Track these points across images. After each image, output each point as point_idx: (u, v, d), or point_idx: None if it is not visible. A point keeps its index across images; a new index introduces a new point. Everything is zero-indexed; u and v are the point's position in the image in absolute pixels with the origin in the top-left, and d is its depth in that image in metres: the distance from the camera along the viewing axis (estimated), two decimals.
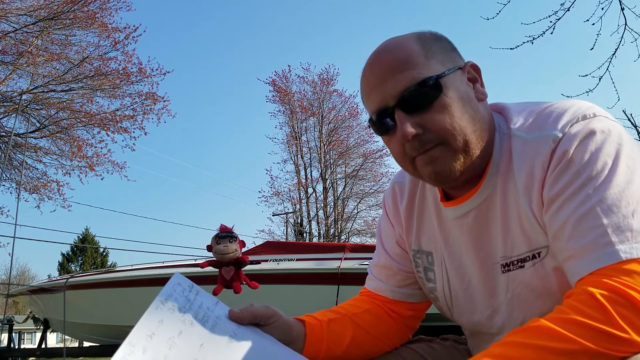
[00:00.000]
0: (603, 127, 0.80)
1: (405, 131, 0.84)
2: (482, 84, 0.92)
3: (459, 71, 0.89)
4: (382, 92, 0.87)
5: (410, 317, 1.08)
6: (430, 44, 0.88)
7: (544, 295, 0.86)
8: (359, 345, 1.02)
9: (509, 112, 0.92)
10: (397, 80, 0.85)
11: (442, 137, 0.85)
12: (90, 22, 12.29)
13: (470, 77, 0.91)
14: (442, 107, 0.84)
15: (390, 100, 0.86)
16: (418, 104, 0.84)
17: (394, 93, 0.85)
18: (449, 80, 0.86)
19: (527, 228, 0.86)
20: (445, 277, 1.01)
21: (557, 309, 0.71)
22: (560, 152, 0.80)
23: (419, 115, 0.85)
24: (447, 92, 0.85)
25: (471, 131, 0.86)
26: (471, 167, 0.88)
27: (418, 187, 1.04)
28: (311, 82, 22.37)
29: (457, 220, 0.95)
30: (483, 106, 0.90)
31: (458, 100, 0.85)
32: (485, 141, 0.89)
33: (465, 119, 0.85)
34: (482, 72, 0.93)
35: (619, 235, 0.73)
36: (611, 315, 0.67)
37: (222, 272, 1.94)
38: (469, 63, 0.91)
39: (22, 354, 8.92)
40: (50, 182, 12.91)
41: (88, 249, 30.66)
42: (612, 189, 0.75)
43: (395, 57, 0.87)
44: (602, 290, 0.69)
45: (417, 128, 0.85)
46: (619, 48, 4.98)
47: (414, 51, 0.87)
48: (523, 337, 0.69)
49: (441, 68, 0.86)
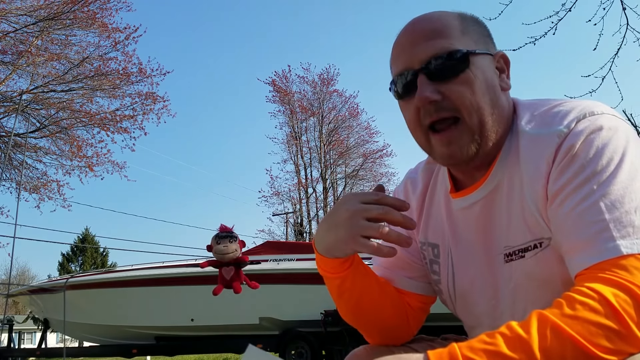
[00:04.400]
0: (610, 124, 0.81)
1: (424, 94, 0.85)
2: (509, 75, 0.94)
3: (489, 56, 0.91)
4: (411, 55, 0.88)
5: (419, 309, 1.08)
6: (469, 23, 0.91)
7: (546, 285, 0.86)
8: (382, 294, 1.01)
9: (519, 107, 0.93)
10: (428, 45, 0.87)
11: (459, 109, 0.86)
12: (90, 22, 12.30)
13: (499, 67, 0.92)
14: (465, 81, 0.86)
15: (417, 63, 0.87)
16: (443, 72, 0.86)
17: (423, 57, 0.87)
18: (478, 59, 0.88)
19: (529, 220, 0.86)
20: (450, 269, 1.01)
21: (557, 303, 0.70)
22: (566, 147, 0.81)
23: (442, 84, 0.86)
24: (474, 70, 0.86)
25: (488, 113, 0.87)
26: (484, 151, 0.89)
27: (430, 183, 1.06)
28: (311, 82, 22.44)
29: (463, 211, 0.97)
30: (505, 97, 0.92)
31: (482, 81, 0.87)
32: (501, 130, 0.90)
33: (485, 100, 0.87)
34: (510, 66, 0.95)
35: (620, 230, 0.73)
36: (617, 311, 0.66)
37: (222, 272, 1.94)
38: (500, 53, 0.94)
39: (22, 354, 8.93)
40: (50, 182, 12.95)
41: (88, 249, 30.68)
42: (616, 185, 0.76)
43: (432, 25, 0.89)
44: (604, 285, 0.69)
45: (436, 95, 0.86)
46: (621, 48, 4.98)
47: (452, 24, 0.89)
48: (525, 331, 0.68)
49: (473, 46, 0.88)
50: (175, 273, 7.62)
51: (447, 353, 0.67)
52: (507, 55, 0.94)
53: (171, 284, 7.56)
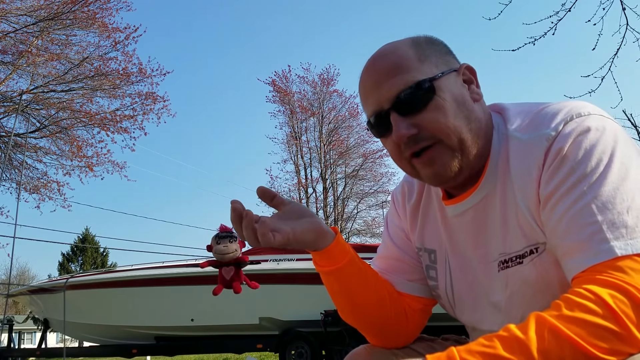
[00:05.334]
0: (597, 124, 0.81)
1: (400, 132, 0.87)
2: (478, 84, 0.94)
3: (454, 73, 0.91)
4: (378, 96, 0.90)
5: (420, 310, 1.08)
6: (424, 47, 0.91)
7: (543, 291, 0.86)
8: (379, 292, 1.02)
9: (507, 112, 0.93)
10: (391, 84, 0.88)
11: (437, 136, 0.87)
12: (90, 22, 12.29)
13: (466, 79, 0.93)
14: (436, 108, 0.87)
15: (386, 103, 0.89)
16: (412, 106, 0.87)
17: (389, 96, 0.88)
18: (443, 82, 0.88)
19: (524, 226, 0.86)
20: (448, 275, 1.01)
21: (555, 305, 0.70)
22: (555, 150, 0.81)
23: (414, 117, 0.87)
24: (441, 94, 0.87)
25: (466, 130, 0.88)
26: (469, 165, 0.90)
27: (425, 187, 1.06)
28: (311, 82, 22.40)
29: (456, 218, 0.97)
30: (479, 106, 0.92)
31: (452, 101, 0.88)
32: (482, 140, 0.90)
33: (459, 118, 0.87)
34: (477, 74, 0.95)
35: (614, 231, 0.73)
36: (614, 312, 0.66)
37: (222, 272, 1.93)
38: (464, 65, 0.94)
39: (22, 354, 8.93)
40: (50, 182, 12.93)
41: (88, 249, 30.66)
42: (606, 186, 0.76)
43: (390, 62, 0.90)
44: (601, 287, 0.69)
45: (411, 129, 0.87)
46: (621, 48, 4.98)
47: (408, 55, 0.90)
48: (523, 333, 0.68)
49: (435, 71, 0.89)
50: (175, 273, 7.61)
51: (446, 356, 0.67)
52: (471, 65, 0.94)
53: (171, 284, 7.56)
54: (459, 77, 0.92)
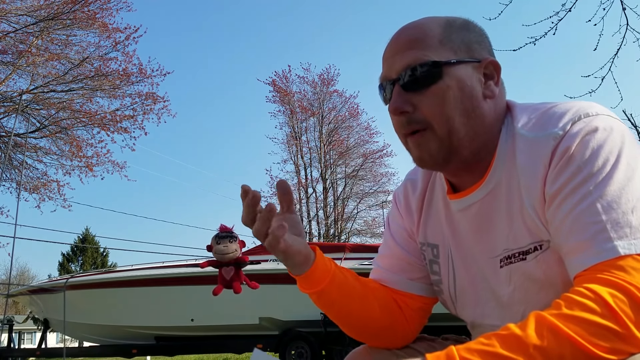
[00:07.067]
0: (605, 125, 0.81)
1: (394, 105, 0.89)
2: (498, 83, 0.92)
3: (472, 64, 0.90)
4: (390, 64, 0.91)
5: (420, 309, 1.08)
6: (453, 30, 0.91)
7: (546, 288, 0.86)
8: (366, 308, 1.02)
9: (514, 109, 0.92)
10: (404, 56, 0.89)
11: (429, 121, 0.88)
12: (90, 23, 12.29)
13: (487, 73, 0.91)
14: (437, 93, 0.87)
15: (394, 73, 0.90)
16: (415, 83, 0.88)
17: (398, 68, 0.89)
18: (455, 69, 0.88)
19: (529, 223, 0.86)
20: (451, 270, 1.01)
21: (555, 303, 0.70)
22: (562, 150, 0.81)
23: (413, 95, 0.88)
24: (447, 80, 0.87)
25: (461, 123, 0.87)
26: (461, 159, 0.90)
27: (429, 183, 1.06)
28: (311, 82, 22.41)
29: (461, 212, 0.97)
30: (492, 103, 0.91)
31: (457, 91, 0.87)
32: (483, 138, 0.90)
33: (458, 110, 0.87)
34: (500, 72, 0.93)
35: (617, 231, 0.73)
36: (614, 311, 0.66)
37: (222, 272, 1.93)
38: (488, 59, 0.91)
39: (22, 354, 8.93)
40: (50, 182, 12.93)
41: (88, 249, 30.66)
42: (612, 186, 0.76)
43: (411, 35, 0.91)
44: (602, 286, 0.69)
45: (407, 106, 0.88)
46: (621, 48, 4.98)
47: (432, 33, 0.90)
48: (523, 332, 0.68)
49: (451, 56, 0.88)
50: (175, 273, 7.62)
51: (445, 355, 0.67)
52: (498, 62, 0.92)
53: (171, 284, 7.56)
54: (478, 69, 0.90)
